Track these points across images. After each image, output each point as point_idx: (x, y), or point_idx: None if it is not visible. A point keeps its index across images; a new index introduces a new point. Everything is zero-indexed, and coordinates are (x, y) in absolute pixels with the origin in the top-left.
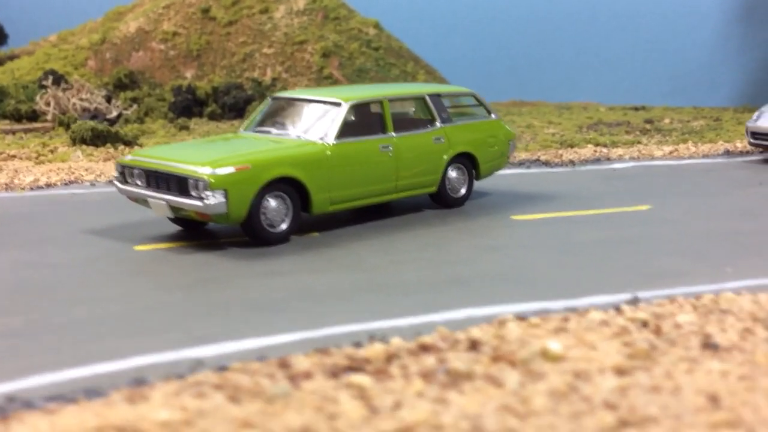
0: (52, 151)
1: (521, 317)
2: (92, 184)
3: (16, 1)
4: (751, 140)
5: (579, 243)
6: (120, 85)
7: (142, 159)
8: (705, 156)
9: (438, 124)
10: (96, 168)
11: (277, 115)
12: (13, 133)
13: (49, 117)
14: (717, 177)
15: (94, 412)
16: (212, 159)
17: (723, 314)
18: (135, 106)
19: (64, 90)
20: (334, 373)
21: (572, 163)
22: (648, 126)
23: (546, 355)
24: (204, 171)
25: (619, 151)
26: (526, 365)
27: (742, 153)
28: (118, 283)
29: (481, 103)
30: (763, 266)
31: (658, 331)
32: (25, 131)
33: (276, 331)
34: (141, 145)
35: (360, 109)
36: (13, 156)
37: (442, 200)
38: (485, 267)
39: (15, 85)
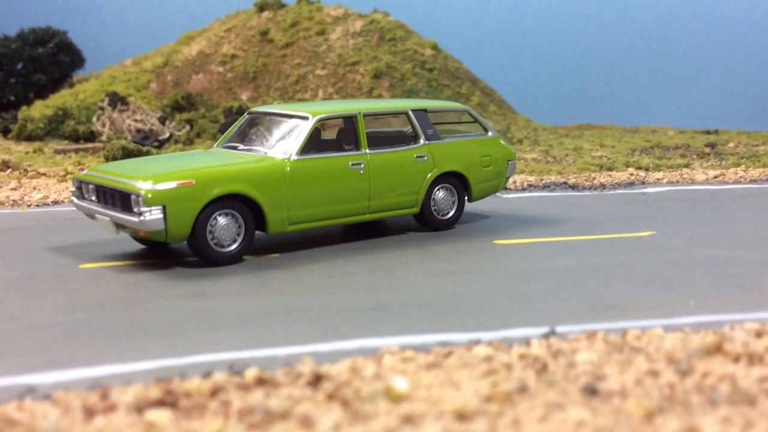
0: (82, 170)
1: (402, 349)
2: None
3: (98, 27)
4: None
5: (544, 270)
6: (177, 107)
7: (95, 174)
8: (752, 181)
9: (422, 141)
10: None
11: (249, 130)
12: (65, 152)
13: (104, 138)
14: (748, 203)
15: None
16: (155, 174)
17: (634, 353)
18: (188, 128)
19: (120, 111)
20: (140, 407)
21: (603, 186)
22: (707, 150)
23: (389, 394)
24: (143, 186)
25: (658, 174)
26: (361, 404)
27: None
28: (28, 301)
29: (476, 120)
30: (736, 300)
31: (542, 370)
32: (76, 151)
33: (138, 358)
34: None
35: (330, 124)
36: (42, 174)
37: (428, 222)
38: (424, 294)
39: (78, 107)
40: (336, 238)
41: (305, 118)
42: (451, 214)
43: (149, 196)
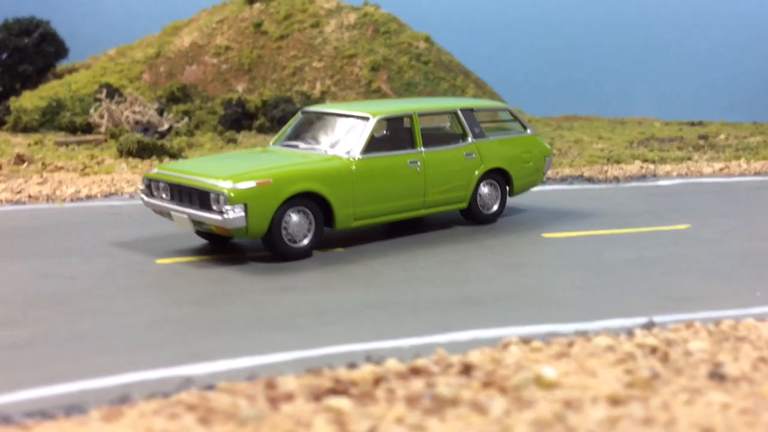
0: (99, 163)
1: (526, 340)
2: (131, 197)
3: (76, 16)
4: None
5: (606, 263)
6: (173, 98)
7: (167, 172)
8: (756, 173)
9: (470, 139)
10: (137, 180)
11: (306, 129)
12: (66, 145)
13: (102, 129)
14: (765, 196)
15: (67, 430)
16: (234, 173)
17: (739, 342)
18: (186, 119)
19: (117, 103)
20: (317, 395)
21: (617, 179)
22: (702, 142)
23: (540, 382)
24: (224, 185)
25: (667, 167)
26: (517, 392)
27: None
28: (130, 297)
29: (516, 118)
30: None
31: (665, 359)
32: (78, 143)
33: (273, 350)
34: (186, 158)
35: (388, 123)
36: (61, 167)
37: (474, 216)
38: (503, 286)
39: (72, 98)
40: (383, 235)
41: (366, 119)
42: (495, 208)
43: (232, 195)
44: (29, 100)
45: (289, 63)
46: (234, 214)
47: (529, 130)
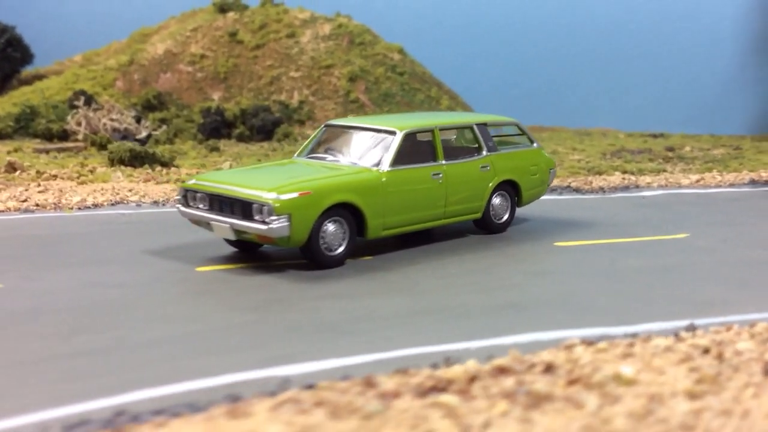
0: (91, 171)
1: (588, 342)
2: (138, 205)
3: (40, 21)
4: None
5: (623, 270)
6: (148, 106)
7: (206, 183)
8: (731, 185)
9: (484, 152)
10: (138, 189)
11: (331, 142)
12: (47, 152)
13: (80, 137)
14: (746, 207)
15: (201, 427)
16: (276, 185)
17: None
18: (165, 127)
19: (95, 110)
20: (420, 392)
21: (602, 190)
22: (670, 154)
23: (619, 379)
24: (269, 196)
25: (648, 178)
26: (602, 388)
27: (765, 183)
28: (186, 304)
29: (524, 132)
30: None
31: (720, 358)
32: (59, 150)
33: (353, 352)
34: (177, 167)
35: (413, 137)
36: (55, 176)
37: (486, 226)
38: (536, 292)
39: (45, 105)
40: (400, 244)
41: (393, 133)
42: (506, 217)
43: (277, 205)
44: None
45: (265, 72)
46: (279, 224)
47: (535, 144)
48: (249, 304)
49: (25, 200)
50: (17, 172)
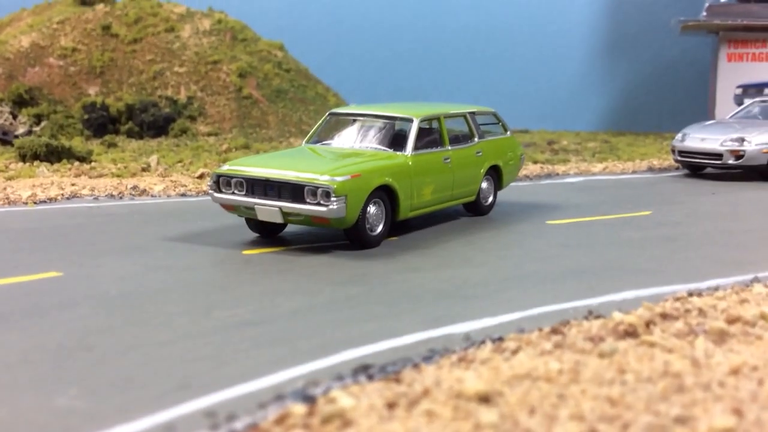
0: (6, 167)
1: (696, 293)
2: (95, 198)
3: None
4: (678, 158)
5: (633, 240)
6: (20, 102)
7: (244, 169)
8: (634, 172)
9: (476, 139)
10: (80, 183)
11: (340, 129)
12: None
13: None
14: (670, 188)
15: (480, 369)
16: (327, 168)
17: None
18: (44, 123)
19: None
20: (619, 336)
21: (528, 178)
22: (554, 147)
23: (765, 317)
24: (325, 179)
25: (563, 167)
26: (755, 326)
27: (661, 170)
28: (278, 280)
29: (499, 121)
30: None
31: None
32: None
33: (495, 313)
34: (93, 161)
35: (424, 124)
36: None
37: (476, 208)
38: (582, 261)
39: None
40: (409, 228)
41: (410, 120)
42: (491, 200)
43: (335, 187)
44: None
45: (146, 67)
46: (336, 205)
47: (508, 133)
48: (341, 279)
49: None
50: None
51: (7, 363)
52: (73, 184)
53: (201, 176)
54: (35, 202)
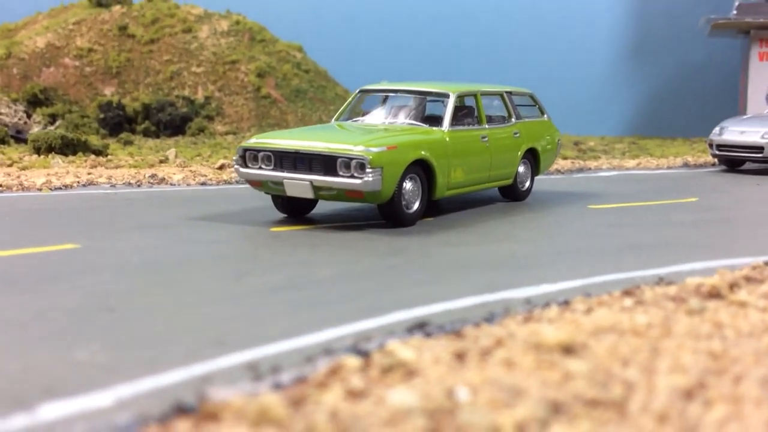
0: (20, 159)
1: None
2: (112, 186)
3: None
4: (716, 152)
5: (686, 222)
6: (34, 102)
7: (272, 141)
8: (669, 167)
9: (513, 119)
10: (96, 172)
11: (372, 106)
12: None
13: None
14: (712, 180)
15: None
16: (362, 140)
17: None
18: (59, 122)
19: None
20: (704, 296)
21: (559, 172)
22: (581, 147)
23: None
24: (359, 149)
25: (594, 163)
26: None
27: (696, 166)
28: (311, 252)
29: (536, 103)
30: None
31: None
32: None
33: (553, 280)
34: (110, 155)
35: (461, 100)
36: None
37: (512, 193)
38: (637, 237)
39: None
40: (441, 209)
41: (446, 95)
42: (528, 185)
43: (371, 158)
44: None
45: (163, 67)
46: (372, 177)
47: (545, 116)
48: (379, 252)
49: None
50: None
51: (21, 321)
52: (89, 173)
53: (221, 167)
54: (50, 189)
